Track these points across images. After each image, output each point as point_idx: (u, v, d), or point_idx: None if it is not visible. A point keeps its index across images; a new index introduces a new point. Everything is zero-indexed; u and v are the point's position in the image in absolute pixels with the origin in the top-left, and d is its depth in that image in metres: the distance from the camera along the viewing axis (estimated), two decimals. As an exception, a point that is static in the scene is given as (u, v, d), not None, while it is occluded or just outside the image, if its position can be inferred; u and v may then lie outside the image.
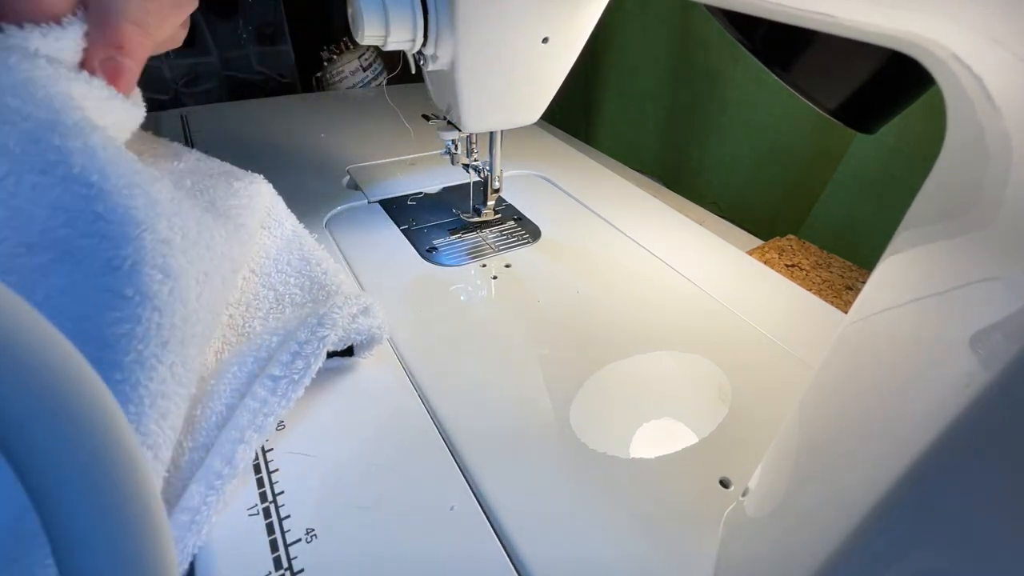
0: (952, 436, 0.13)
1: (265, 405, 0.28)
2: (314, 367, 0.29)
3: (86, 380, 0.10)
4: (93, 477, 0.10)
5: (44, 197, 0.23)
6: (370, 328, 0.33)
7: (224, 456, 0.26)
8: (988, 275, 0.14)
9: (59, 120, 0.23)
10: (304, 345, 0.29)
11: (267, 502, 0.27)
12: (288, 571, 0.24)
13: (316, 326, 0.30)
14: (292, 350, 0.29)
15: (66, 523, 0.10)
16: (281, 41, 1.22)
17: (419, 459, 0.29)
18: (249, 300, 0.35)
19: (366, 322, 0.33)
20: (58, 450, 0.09)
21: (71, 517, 0.10)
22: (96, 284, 0.23)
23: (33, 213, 0.22)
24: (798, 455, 0.21)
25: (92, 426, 0.10)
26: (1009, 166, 0.14)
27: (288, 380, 0.28)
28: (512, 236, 0.50)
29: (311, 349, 0.29)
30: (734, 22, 0.24)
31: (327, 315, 0.31)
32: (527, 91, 0.41)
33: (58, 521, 0.10)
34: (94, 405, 0.10)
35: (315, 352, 0.29)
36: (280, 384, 0.28)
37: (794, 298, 0.44)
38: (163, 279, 0.24)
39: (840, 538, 0.16)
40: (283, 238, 0.37)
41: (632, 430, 0.32)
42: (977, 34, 0.14)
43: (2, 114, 0.22)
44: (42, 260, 0.23)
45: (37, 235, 0.23)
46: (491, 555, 0.25)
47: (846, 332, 0.20)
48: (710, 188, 0.72)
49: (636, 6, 0.73)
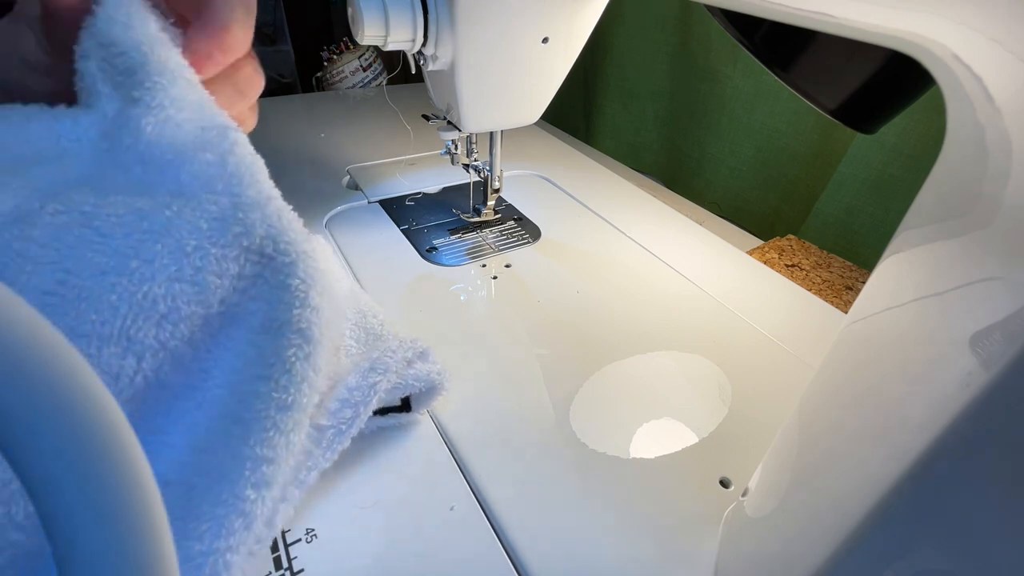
0: (952, 436, 0.13)
1: (309, 458, 0.25)
2: (363, 416, 0.27)
3: (86, 381, 0.10)
4: (92, 481, 0.10)
5: (227, 269, 0.22)
6: (428, 374, 0.30)
7: (266, 519, 0.23)
8: (988, 275, 0.14)
9: (243, 194, 0.23)
10: (354, 391, 0.27)
11: (267, 502, 0.27)
12: (288, 571, 0.24)
13: (367, 371, 0.28)
14: (341, 396, 0.27)
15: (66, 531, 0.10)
16: (281, 41, 1.23)
17: (419, 459, 0.29)
18: None
19: (424, 368, 0.30)
20: (57, 452, 0.09)
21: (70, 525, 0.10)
22: (251, 340, 0.23)
23: (215, 283, 0.22)
24: (798, 455, 0.21)
25: (92, 429, 0.10)
26: (1009, 166, 0.14)
27: (335, 431, 0.26)
28: (512, 236, 0.50)
29: (360, 396, 0.27)
30: (734, 22, 0.24)
31: (379, 359, 0.28)
32: (527, 91, 0.41)
33: (58, 525, 0.10)
34: (94, 406, 0.10)
35: (365, 400, 0.27)
36: (326, 435, 0.26)
37: (794, 298, 0.44)
38: (301, 343, 0.23)
39: (840, 538, 0.16)
40: (342, 294, 0.34)
41: (632, 430, 0.32)
42: (977, 34, 0.14)
43: (199, 200, 0.22)
44: (215, 326, 0.23)
45: (216, 304, 0.23)
46: (491, 555, 0.25)
47: (846, 332, 0.20)
48: (710, 188, 0.72)
49: (636, 6, 0.73)
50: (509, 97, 0.41)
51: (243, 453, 0.21)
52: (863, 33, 0.17)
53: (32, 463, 0.09)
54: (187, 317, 0.21)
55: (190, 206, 0.22)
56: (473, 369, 0.35)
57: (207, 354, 0.23)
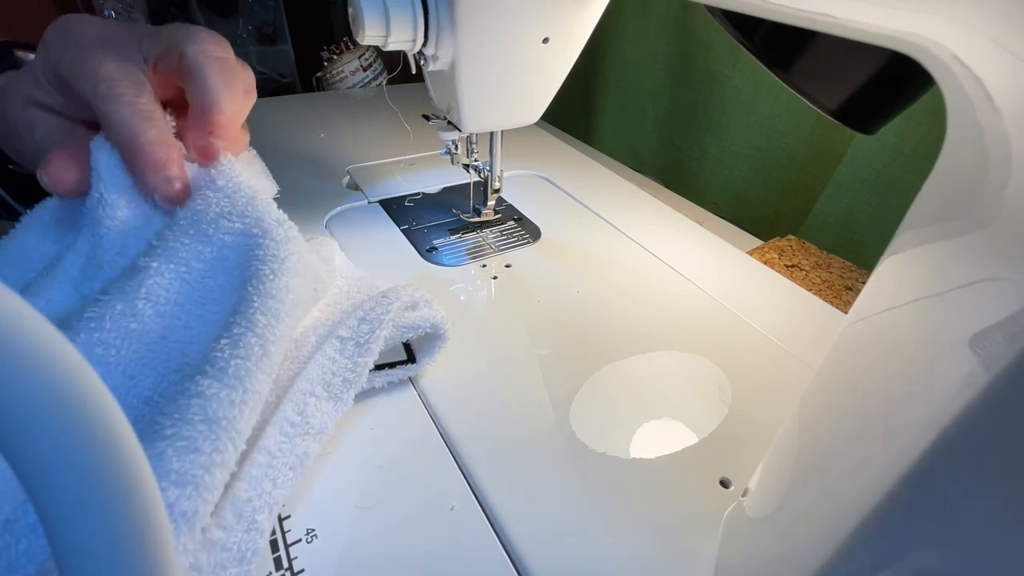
0: (952, 436, 0.13)
1: (334, 364, 0.29)
2: (379, 333, 0.30)
3: (87, 381, 0.10)
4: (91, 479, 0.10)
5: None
6: (435, 318, 0.33)
7: (296, 405, 0.26)
8: (988, 275, 0.14)
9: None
10: (370, 311, 0.31)
11: (267, 502, 0.27)
12: (288, 571, 0.24)
13: (381, 297, 0.32)
14: (359, 316, 0.31)
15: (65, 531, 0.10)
16: (281, 41, 1.22)
17: (419, 459, 0.29)
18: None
19: (429, 312, 0.33)
20: (57, 451, 0.09)
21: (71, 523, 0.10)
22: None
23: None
24: (798, 455, 0.21)
25: (91, 426, 0.10)
26: (1009, 166, 0.14)
27: (355, 342, 0.30)
28: (512, 236, 0.50)
29: (376, 315, 0.30)
30: (734, 22, 0.24)
31: (391, 291, 0.32)
32: (527, 91, 0.41)
33: (57, 525, 0.10)
34: (94, 405, 0.10)
35: (380, 318, 0.30)
36: (347, 345, 0.29)
37: (794, 298, 0.44)
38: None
39: (840, 538, 0.16)
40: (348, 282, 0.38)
41: (632, 430, 0.32)
42: (977, 34, 0.14)
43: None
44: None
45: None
46: (491, 555, 0.25)
47: (846, 332, 0.20)
48: (710, 188, 0.72)
49: (636, 6, 0.73)
50: (509, 97, 0.41)
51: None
52: (863, 33, 0.17)
53: (32, 463, 0.09)
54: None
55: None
56: (473, 369, 0.35)
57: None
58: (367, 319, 0.30)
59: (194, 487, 0.20)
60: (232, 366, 0.23)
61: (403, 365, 0.34)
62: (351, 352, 0.29)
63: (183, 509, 0.19)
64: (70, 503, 0.10)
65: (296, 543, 0.25)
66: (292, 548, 0.25)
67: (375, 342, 0.30)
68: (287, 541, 0.25)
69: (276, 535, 0.25)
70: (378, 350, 0.30)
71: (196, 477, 0.20)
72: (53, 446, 0.09)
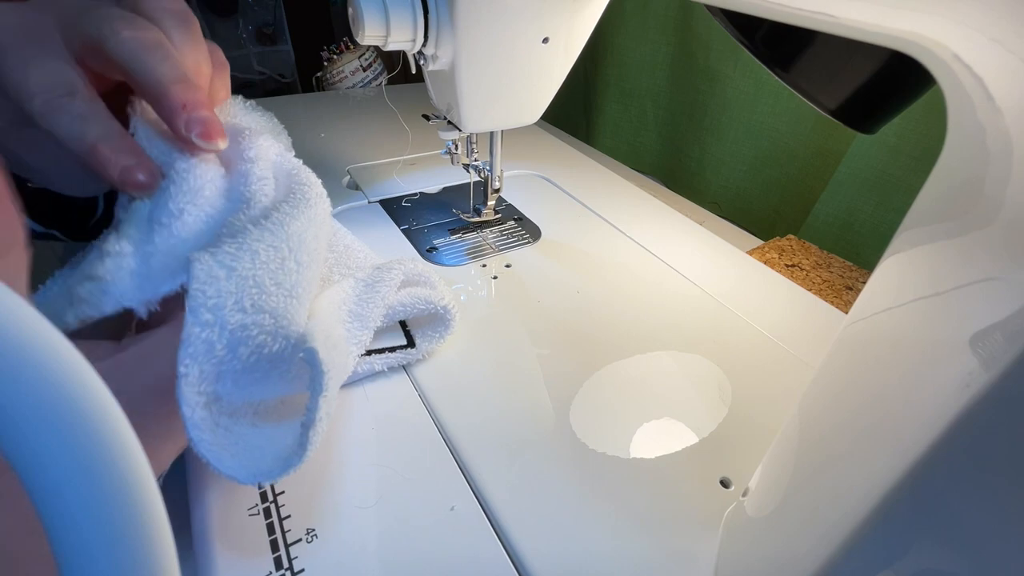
0: (952, 436, 0.13)
1: (349, 301, 0.32)
2: (394, 275, 0.33)
3: (87, 380, 0.10)
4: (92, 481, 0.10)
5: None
6: (442, 299, 0.35)
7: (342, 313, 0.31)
8: (988, 275, 0.14)
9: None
10: (373, 273, 0.34)
11: (267, 502, 0.27)
12: (288, 571, 0.24)
13: (383, 266, 0.34)
14: (366, 281, 0.33)
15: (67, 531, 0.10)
16: (281, 41, 1.23)
17: (419, 459, 0.29)
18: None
19: (429, 292, 0.35)
20: (57, 451, 0.09)
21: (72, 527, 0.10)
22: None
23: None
24: (798, 455, 0.21)
25: (91, 425, 0.10)
26: (1009, 166, 0.14)
27: (365, 284, 0.33)
28: (512, 236, 0.50)
29: (378, 276, 0.33)
30: (734, 22, 0.24)
31: (396, 260, 0.35)
32: (527, 91, 0.41)
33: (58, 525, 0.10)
34: (94, 405, 0.10)
35: (384, 280, 0.33)
36: (360, 285, 0.33)
37: (794, 298, 0.44)
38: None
39: (841, 538, 0.16)
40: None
41: (632, 430, 0.32)
42: (977, 34, 0.14)
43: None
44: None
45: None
46: (491, 555, 0.25)
47: (846, 332, 0.20)
48: (710, 188, 0.72)
49: (636, 6, 0.73)
50: (509, 97, 0.41)
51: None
52: (863, 33, 0.17)
53: (32, 464, 0.09)
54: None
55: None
56: (473, 369, 0.35)
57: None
58: (369, 282, 0.33)
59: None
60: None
61: (403, 349, 0.34)
62: (360, 294, 0.32)
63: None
64: (70, 501, 0.10)
65: (296, 543, 0.25)
66: (292, 548, 0.25)
67: (388, 284, 0.33)
68: (287, 541, 0.25)
69: (276, 535, 0.25)
70: (390, 295, 0.33)
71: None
72: (53, 445, 0.09)
